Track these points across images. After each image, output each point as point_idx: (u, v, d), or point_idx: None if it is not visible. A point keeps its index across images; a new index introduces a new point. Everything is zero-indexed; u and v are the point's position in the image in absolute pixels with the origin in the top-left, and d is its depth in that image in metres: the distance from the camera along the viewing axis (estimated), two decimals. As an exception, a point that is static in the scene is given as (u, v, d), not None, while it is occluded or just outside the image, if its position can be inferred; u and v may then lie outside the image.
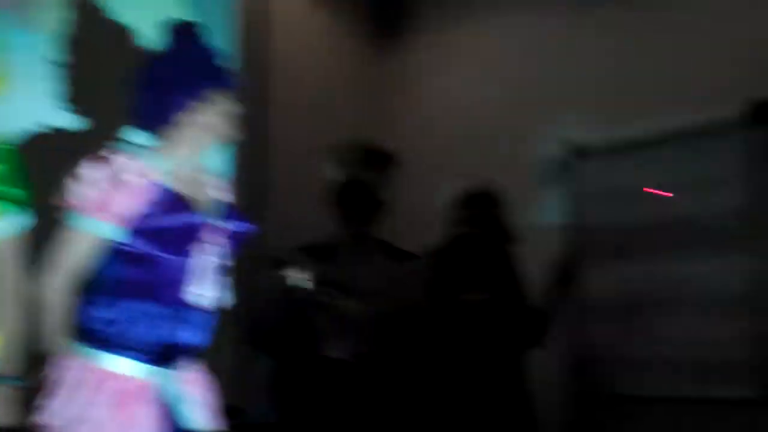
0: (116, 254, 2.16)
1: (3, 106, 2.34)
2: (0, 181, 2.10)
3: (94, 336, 2.16)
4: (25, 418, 2.18)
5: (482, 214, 3.25)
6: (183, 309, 2.19)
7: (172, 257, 2.17)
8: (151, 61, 2.27)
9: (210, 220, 2.25)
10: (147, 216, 2.13)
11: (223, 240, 2.29)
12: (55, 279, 2.15)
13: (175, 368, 2.21)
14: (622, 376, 3.21)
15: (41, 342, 2.19)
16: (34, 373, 2.22)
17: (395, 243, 3.00)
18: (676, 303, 3.10)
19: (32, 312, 2.20)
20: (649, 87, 4.04)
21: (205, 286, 2.24)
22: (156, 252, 2.15)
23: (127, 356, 2.15)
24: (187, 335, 2.21)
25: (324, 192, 2.98)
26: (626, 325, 3.23)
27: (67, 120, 3.29)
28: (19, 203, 2.16)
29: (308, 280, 2.76)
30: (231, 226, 2.31)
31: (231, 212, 2.35)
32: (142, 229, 2.13)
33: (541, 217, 4.35)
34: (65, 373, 2.13)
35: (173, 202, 2.19)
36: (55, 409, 2.10)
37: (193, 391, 2.25)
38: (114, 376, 2.13)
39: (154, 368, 2.17)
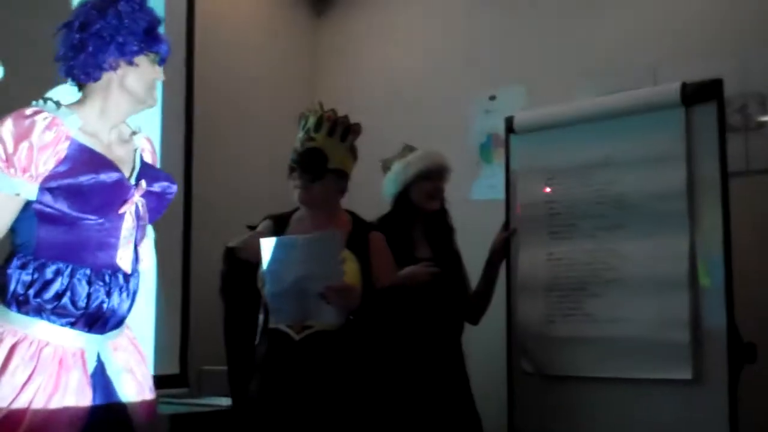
0: (35, 214, 2.06)
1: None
2: None
3: (20, 300, 2.06)
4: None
5: (440, 188, 3.24)
6: (110, 273, 2.12)
7: (94, 218, 2.08)
8: (86, 12, 2.16)
9: (133, 182, 2.17)
10: (65, 174, 2.04)
11: (149, 201, 2.21)
12: None
13: (104, 334, 2.14)
14: (557, 355, 3.19)
15: None
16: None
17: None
18: (613, 283, 3.09)
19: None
20: (585, 62, 4.06)
21: (132, 249, 2.17)
22: (76, 213, 2.06)
23: (54, 322, 2.07)
24: (116, 300, 2.13)
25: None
26: (562, 305, 3.21)
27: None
28: None
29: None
30: (156, 187, 2.23)
31: (156, 173, 2.28)
32: (60, 188, 2.04)
33: (476, 193, 4.35)
34: None
35: (93, 161, 2.09)
36: None
37: (123, 358, 2.19)
38: (42, 343, 2.05)
39: (83, 334, 2.10)
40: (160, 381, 2.79)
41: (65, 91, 2.25)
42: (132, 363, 2.21)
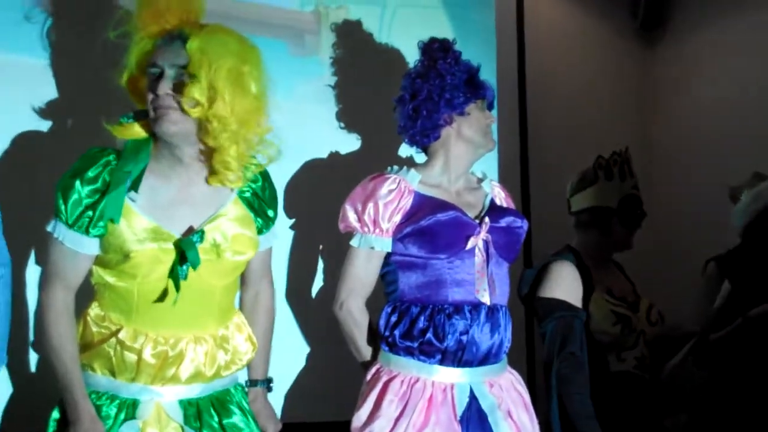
0: (395, 263, 2.30)
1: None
2: (263, 200, 2.23)
3: (389, 342, 2.28)
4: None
5: None
6: (470, 308, 2.25)
7: (443, 256, 2.25)
8: (411, 82, 2.38)
9: (483, 222, 2.30)
10: (409, 222, 2.26)
11: (497, 237, 2.32)
12: (352, 299, 2.31)
13: (474, 368, 2.26)
14: None
15: (357, 355, 2.37)
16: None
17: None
18: None
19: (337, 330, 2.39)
20: None
21: (489, 284, 2.28)
22: (426, 254, 2.25)
23: (424, 360, 2.24)
24: (477, 334, 2.24)
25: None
26: None
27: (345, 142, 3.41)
28: (272, 221, 2.28)
29: None
30: (502, 222, 2.35)
31: (503, 211, 2.41)
32: (408, 235, 2.26)
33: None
34: (372, 380, 2.27)
35: (432, 205, 2.28)
36: (364, 415, 2.23)
37: (499, 396, 2.28)
38: (413, 380, 2.23)
39: (452, 369, 2.24)
40: None
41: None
42: (509, 404, 2.29)
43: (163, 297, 2.05)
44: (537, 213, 4.15)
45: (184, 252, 2.01)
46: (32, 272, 2.93)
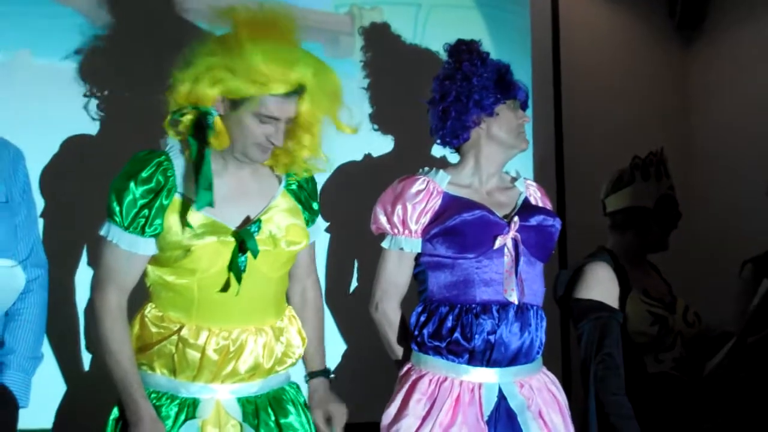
0: (424, 264, 2.32)
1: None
2: (309, 192, 2.31)
3: (418, 341, 2.29)
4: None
5: None
6: (498, 307, 2.25)
7: (471, 256, 2.25)
8: (439, 85, 2.40)
9: (512, 221, 2.30)
10: (438, 223, 2.27)
11: (528, 237, 2.32)
12: (386, 300, 2.34)
13: (504, 368, 2.26)
14: None
15: (391, 354, 2.40)
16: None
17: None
18: None
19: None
20: None
21: (518, 284, 2.28)
22: (454, 254, 2.26)
23: (452, 360, 2.25)
24: (505, 333, 2.23)
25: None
26: None
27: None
28: (316, 214, 2.35)
29: None
30: (532, 221, 2.34)
31: (535, 209, 2.40)
32: (436, 235, 2.27)
33: None
34: (402, 379, 2.30)
35: (459, 205, 2.29)
36: (392, 413, 2.25)
37: (530, 397, 2.27)
38: (441, 379, 2.24)
39: (480, 369, 2.24)
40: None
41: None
42: (540, 404, 2.28)
43: (226, 288, 2.09)
44: (572, 214, 4.13)
45: (244, 242, 2.06)
46: (82, 274, 2.98)
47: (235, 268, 2.07)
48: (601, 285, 2.76)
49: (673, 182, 3.03)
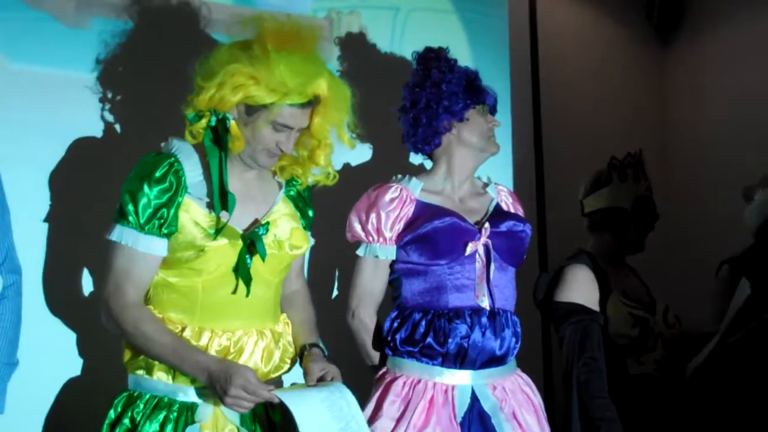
0: (398, 271, 2.35)
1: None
2: (305, 200, 2.35)
3: (391, 346, 2.31)
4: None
5: None
6: (470, 312, 2.27)
7: (443, 262, 2.28)
8: (409, 92, 2.44)
9: (483, 227, 2.33)
10: (410, 230, 2.30)
11: (500, 243, 2.34)
12: (362, 307, 2.36)
13: (476, 371, 2.28)
14: None
15: (367, 359, 2.40)
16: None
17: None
18: None
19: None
20: None
21: (490, 289, 2.30)
22: (426, 260, 2.28)
23: (426, 362, 2.27)
24: (478, 337, 2.26)
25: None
26: None
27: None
28: (311, 221, 2.38)
29: None
30: (502, 227, 2.37)
31: (506, 215, 2.43)
32: (408, 242, 2.30)
33: None
34: (377, 382, 2.32)
35: (431, 212, 2.32)
36: (367, 414, 2.23)
37: (503, 399, 2.29)
38: (414, 381, 2.26)
39: (453, 371, 2.27)
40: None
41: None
42: (514, 405, 2.30)
43: (235, 290, 2.11)
44: (551, 216, 4.14)
45: (253, 244, 2.08)
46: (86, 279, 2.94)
47: (243, 270, 2.09)
48: (581, 287, 2.77)
49: (650, 184, 3.04)
